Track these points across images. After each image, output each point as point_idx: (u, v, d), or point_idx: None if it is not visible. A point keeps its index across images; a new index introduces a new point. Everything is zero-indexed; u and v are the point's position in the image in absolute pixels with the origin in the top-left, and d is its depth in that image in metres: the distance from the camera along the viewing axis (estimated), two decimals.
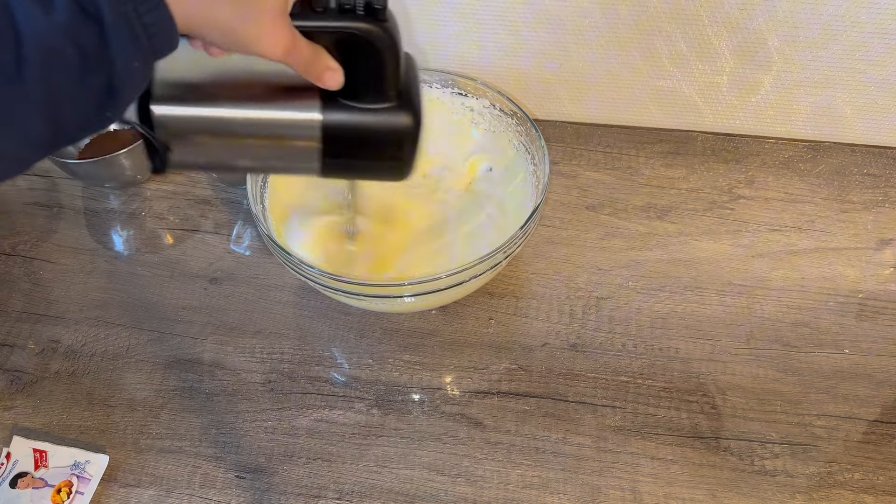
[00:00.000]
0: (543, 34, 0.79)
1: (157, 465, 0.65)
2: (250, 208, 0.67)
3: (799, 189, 0.81)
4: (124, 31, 0.36)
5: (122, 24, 0.35)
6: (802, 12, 0.72)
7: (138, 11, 0.36)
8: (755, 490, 0.62)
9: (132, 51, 0.36)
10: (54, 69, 0.35)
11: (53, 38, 0.34)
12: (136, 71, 0.37)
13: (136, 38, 0.36)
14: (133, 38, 0.36)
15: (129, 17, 0.36)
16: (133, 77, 0.38)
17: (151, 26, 0.36)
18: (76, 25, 0.35)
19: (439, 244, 0.71)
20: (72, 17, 0.34)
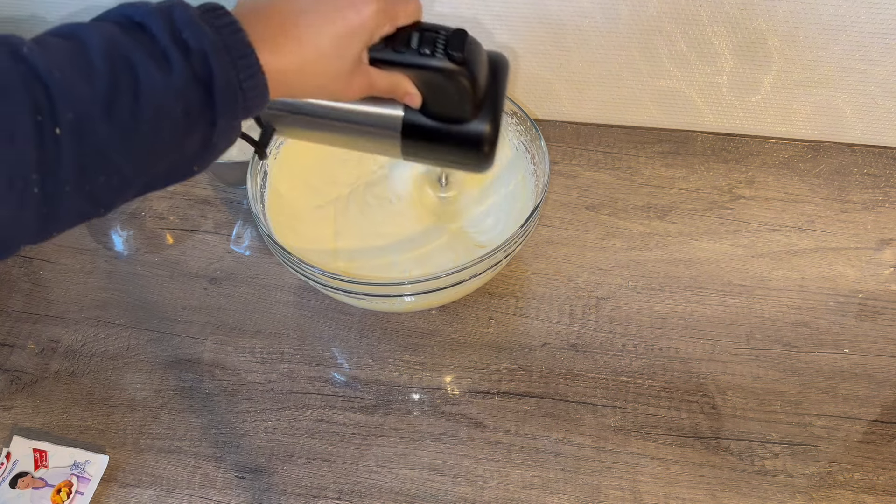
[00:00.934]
0: (543, 34, 0.79)
1: (157, 465, 0.65)
2: (250, 208, 0.67)
3: (799, 189, 0.81)
4: (228, 95, 0.39)
5: (227, 89, 0.39)
6: (802, 12, 0.72)
7: (240, 78, 0.39)
8: (755, 490, 0.62)
9: (232, 112, 0.40)
10: (162, 125, 0.37)
11: (167, 98, 0.37)
12: (233, 129, 0.41)
13: (235, 102, 0.39)
14: (234, 101, 0.39)
15: (233, 83, 0.39)
16: (228, 135, 0.41)
17: (249, 91, 0.40)
18: (188, 89, 0.37)
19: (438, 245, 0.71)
20: (185, 82, 0.37)
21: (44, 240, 0.38)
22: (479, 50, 0.50)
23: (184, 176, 0.42)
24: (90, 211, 0.39)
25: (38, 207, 0.35)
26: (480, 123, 0.51)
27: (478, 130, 0.51)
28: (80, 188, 0.36)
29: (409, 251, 0.71)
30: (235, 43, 0.39)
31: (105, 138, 0.35)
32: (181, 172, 0.41)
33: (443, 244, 0.71)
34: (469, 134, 0.51)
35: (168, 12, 0.38)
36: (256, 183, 0.69)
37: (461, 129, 0.51)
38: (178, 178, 0.42)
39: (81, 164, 0.35)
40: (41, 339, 0.73)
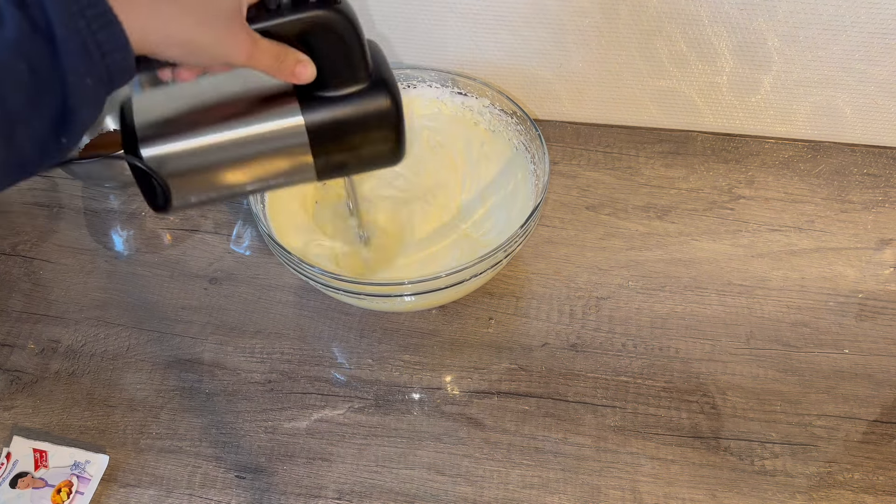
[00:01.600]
0: (543, 34, 0.79)
1: (157, 465, 0.65)
2: (250, 208, 0.67)
3: (799, 189, 0.81)
4: (76, 46, 0.35)
5: (74, 39, 0.35)
6: (802, 12, 0.72)
7: (91, 28, 0.35)
8: (755, 490, 0.62)
9: (85, 67, 0.36)
10: (6, 86, 0.34)
11: (3, 54, 0.33)
12: (90, 90, 0.37)
13: (89, 55, 0.35)
14: (86, 54, 0.35)
15: (81, 32, 0.35)
16: (88, 97, 0.37)
17: (105, 44, 0.36)
18: (26, 41, 0.34)
19: (441, 246, 0.71)
20: (21, 33, 0.34)
21: None
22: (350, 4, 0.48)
23: (53, 148, 0.38)
24: None
25: None
26: (379, 88, 0.49)
27: (379, 94, 0.49)
28: None
29: (409, 252, 0.71)
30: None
31: None
32: (49, 144, 0.37)
33: (444, 245, 0.71)
34: (373, 100, 0.49)
35: None
36: None
37: (363, 98, 0.49)
38: (49, 153, 0.38)
39: None
40: (41, 339, 0.73)
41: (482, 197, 0.75)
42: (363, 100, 0.49)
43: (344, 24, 0.46)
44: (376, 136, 0.51)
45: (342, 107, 0.49)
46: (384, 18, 0.80)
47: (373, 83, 0.49)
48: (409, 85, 0.79)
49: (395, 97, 0.50)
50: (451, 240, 0.72)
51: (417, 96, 0.79)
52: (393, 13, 0.79)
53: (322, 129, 0.49)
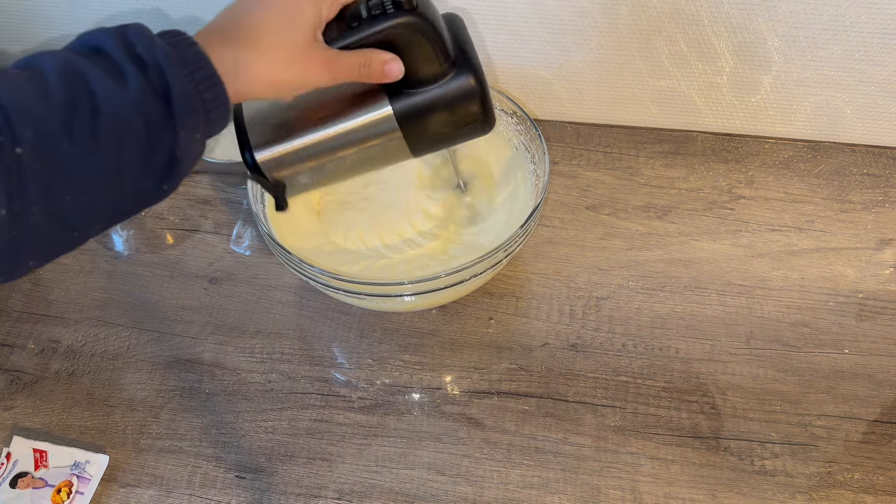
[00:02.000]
0: (543, 34, 0.79)
1: (157, 465, 0.65)
2: (250, 208, 0.67)
3: (799, 189, 0.81)
4: (188, 106, 0.39)
5: (186, 99, 0.39)
6: (802, 12, 0.72)
7: (199, 88, 0.40)
8: (755, 490, 0.62)
9: (193, 124, 0.40)
10: (124, 140, 0.37)
11: (126, 110, 0.37)
12: (196, 142, 0.41)
13: (196, 113, 0.40)
14: (194, 112, 0.40)
15: (192, 94, 0.40)
16: (192, 148, 0.41)
17: (210, 101, 0.41)
18: (146, 100, 0.38)
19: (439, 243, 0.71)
20: (143, 93, 0.38)
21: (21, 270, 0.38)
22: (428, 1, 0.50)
23: (153, 197, 0.42)
24: (63, 235, 0.39)
25: (7, 230, 0.35)
26: (462, 74, 0.52)
27: (463, 81, 0.52)
28: (48, 208, 0.36)
29: (409, 253, 0.71)
30: (191, 55, 0.40)
31: (67, 155, 0.36)
32: (150, 192, 0.41)
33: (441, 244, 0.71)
34: (458, 87, 0.52)
35: (122, 32, 0.39)
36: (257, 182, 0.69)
37: (448, 87, 0.52)
38: (148, 199, 0.42)
39: (46, 183, 0.35)
40: (41, 339, 0.73)
41: (482, 198, 0.75)
42: (448, 87, 0.52)
43: (421, 26, 0.48)
44: (464, 115, 0.54)
45: (430, 96, 0.52)
46: None
47: (457, 69, 0.52)
48: None
49: (478, 77, 0.52)
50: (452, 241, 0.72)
51: None
52: None
53: (410, 117, 0.53)
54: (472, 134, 0.57)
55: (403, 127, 0.53)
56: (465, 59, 0.52)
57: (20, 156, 0.34)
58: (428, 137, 0.55)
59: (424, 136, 0.55)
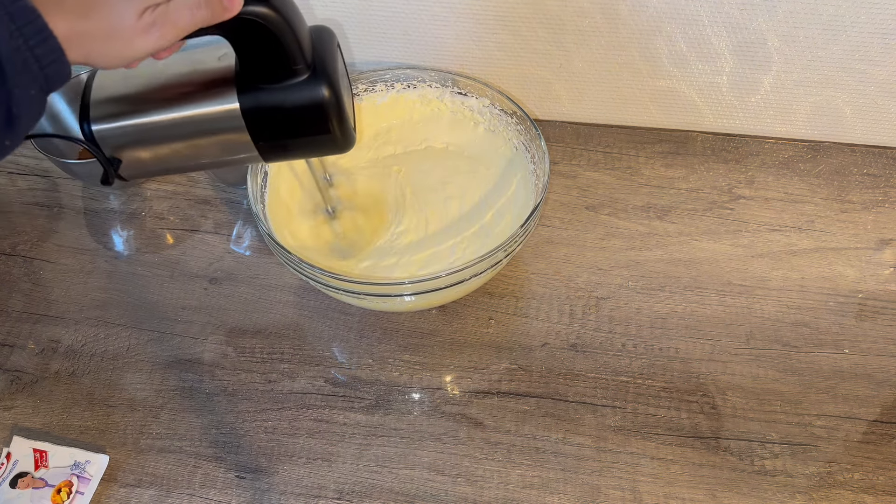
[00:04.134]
0: (543, 34, 0.79)
1: (157, 465, 0.65)
2: (250, 208, 0.67)
3: (799, 189, 0.81)
4: (18, 63, 0.38)
5: (16, 56, 0.38)
6: (802, 12, 0.72)
7: (29, 44, 0.39)
8: (755, 490, 0.62)
9: (27, 80, 0.39)
10: None
11: None
12: (33, 99, 0.40)
13: (29, 69, 0.39)
14: (27, 69, 0.39)
15: (21, 50, 0.38)
16: (30, 105, 0.40)
17: (43, 57, 0.39)
18: None
19: (442, 247, 0.71)
20: None
21: None
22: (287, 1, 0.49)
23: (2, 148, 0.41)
24: None
25: None
26: (314, 80, 0.50)
27: (313, 86, 0.50)
28: None
29: (409, 253, 0.71)
30: (18, 10, 0.38)
31: None
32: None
33: (444, 247, 0.71)
34: (306, 92, 0.50)
35: None
36: (257, 183, 0.69)
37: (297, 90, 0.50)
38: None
39: None
40: (41, 339, 0.73)
41: (483, 198, 0.75)
42: (300, 90, 0.50)
43: (272, 18, 0.47)
44: (315, 125, 0.52)
45: (277, 96, 0.50)
46: (384, 18, 0.80)
47: (311, 75, 0.50)
48: (409, 85, 0.79)
49: (331, 87, 0.51)
50: (452, 241, 0.72)
51: (418, 96, 0.79)
52: (393, 13, 0.79)
53: (257, 115, 0.51)
54: (324, 149, 0.55)
55: (248, 122, 0.51)
56: (322, 67, 0.50)
57: None
58: (276, 141, 0.53)
59: (271, 138, 0.53)
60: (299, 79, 0.50)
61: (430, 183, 0.76)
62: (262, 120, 0.51)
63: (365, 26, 0.81)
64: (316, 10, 0.80)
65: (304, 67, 0.50)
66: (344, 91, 0.53)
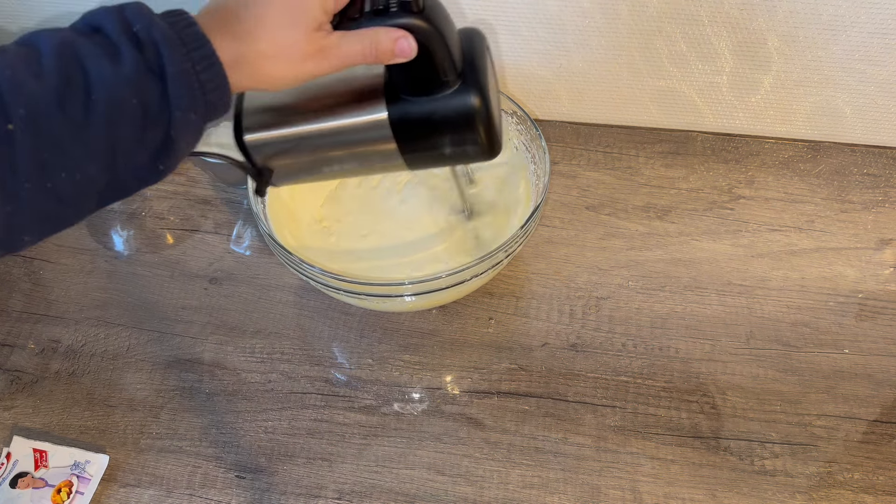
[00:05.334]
0: (543, 34, 0.79)
1: (157, 465, 0.65)
2: (250, 208, 0.67)
3: (799, 189, 0.81)
4: (184, 86, 0.39)
5: (182, 79, 0.39)
6: (802, 12, 0.72)
7: (196, 69, 0.39)
8: (755, 490, 0.62)
9: (189, 104, 0.40)
10: (118, 119, 0.37)
11: (120, 89, 0.37)
12: (192, 124, 0.41)
13: (193, 93, 0.40)
14: (191, 93, 0.39)
15: (188, 73, 0.39)
16: (188, 130, 0.41)
17: (208, 83, 0.40)
18: (141, 79, 0.38)
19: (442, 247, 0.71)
20: (137, 72, 0.37)
21: (17, 246, 0.39)
22: (439, 5, 0.48)
23: (150, 175, 0.42)
24: (59, 211, 0.40)
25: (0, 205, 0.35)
26: (466, 90, 0.49)
27: (464, 97, 0.49)
28: (42, 185, 0.37)
29: (410, 254, 0.71)
30: (189, 35, 0.39)
31: (59, 132, 0.36)
32: (146, 171, 0.41)
33: (445, 247, 0.71)
34: (458, 103, 0.49)
35: (120, 10, 0.39)
36: None
37: (448, 101, 0.49)
38: (145, 179, 0.42)
39: (39, 160, 0.36)
40: (41, 339, 0.73)
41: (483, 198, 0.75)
42: (450, 101, 0.49)
43: (425, 31, 0.46)
44: (463, 135, 0.51)
45: (427, 106, 0.50)
46: None
47: (461, 84, 0.49)
48: None
49: (482, 97, 0.49)
50: (452, 241, 0.72)
51: None
52: None
53: (406, 126, 0.50)
54: (471, 157, 0.53)
55: (396, 133, 0.51)
56: (473, 75, 0.49)
57: (12, 132, 0.35)
58: (423, 151, 0.52)
59: (419, 148, 0.52)
60: (450, 89, 0.49)
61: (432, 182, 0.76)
62: (411, 130, 0.51)
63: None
64: None
65: (455, 77, 0.49)
66: (493, 96, 0.52)
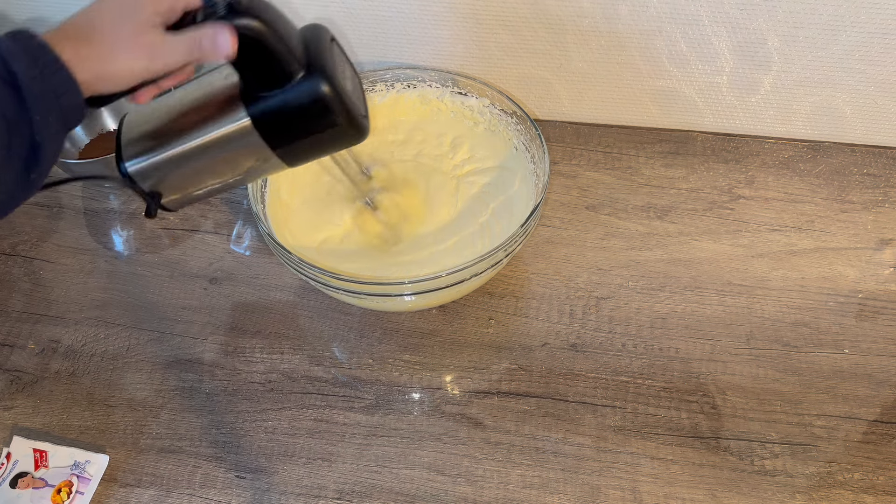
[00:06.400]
0: (543, 34, 0.79)
1: (157, 465, 0.65)
2: (250, 208, 0.67)
3: (799, 189, 0.81)
4: (37, 92, 0.42)
5: (34, 86, 0.42)
6: (802, 12, 0.72)
7: (44, 74, 0.42)
8: (755, 490, 0.62)
9: (45, 108, 0.42)
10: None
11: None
12: (52, 127, 0.43)
13: (46, 98, 0.42)
14: (45, 97, 0.42)
15: (38, 79, 0.42)
16: (51, 134, 0.43)
17: (59, 86, 0.43)
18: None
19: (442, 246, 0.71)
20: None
21: None
22: (266, 3, 0.50)
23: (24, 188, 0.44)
24: None
25: None
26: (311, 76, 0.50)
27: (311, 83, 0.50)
28: None
29: (409, 253, 0.71)
30: (32, 46, 0.43)
31: None
32: (18, 183, 0.44)
33: (443, 248, 0.71)
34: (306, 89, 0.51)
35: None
36: (257, 183, 0.69)
37: (297, 90, 0.51)
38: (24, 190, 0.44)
39: None
40: (41, 339, 0.73)
41: (484, 199, 0.75)
42: (298, 89, 0.51)
43: (256, 26, 0.48)
44: (321, 120, 0.52)
45: (280, 99, 0.51)
46: (384, 19, 0.80)
47: (306, 73, 0.51)
48: (409, 85, 0.79)
49: (328, 80, 0.51)
50: (453, 240, 0.72)
51: (418, 96, 0.79)
52: (393, 13, 0.79)
53: (267, 123, 0.52)
54: (338, 141, 0.55)
55: (260, 131, 0.52)
56: (317, 62, 0.51)
57: None
58: (291, 144, 0.54)
59: (286, 141, 0.54)
60: (296, 79, 0.51)
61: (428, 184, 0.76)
62: (273, 126, 0.52)
63: (365, 26, 0.81)
64: (317, 10, 0.80)
65: (299, 67, 0.50)
66: (347, 82, 0.53)
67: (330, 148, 0.56)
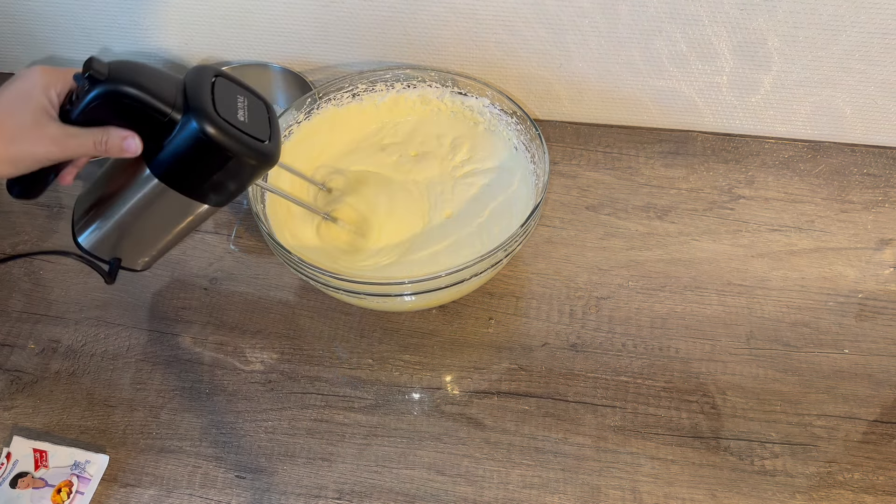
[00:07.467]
0: (543, 34, 0.79)
1: (157, 465, 0.65)
2: (250, 208, 0.67)
3: (799, 189, 0.81)
4: None
5: None
6: (802, 12, 0.72)
7: None
8: (755, 490, 0.62)
9: None
10: None
11: None
12: None
13: None
14: None
15: None
16: None
17: None
18: None
19: (441, 246, 0.71)
20: None
21: None
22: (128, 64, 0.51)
23: None
24: None
25: None
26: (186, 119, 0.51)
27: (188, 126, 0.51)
28: None
29: (409, 253, 0.71)
30: None
31: None
32: None
33: (444, 248, 0.71)
34: (186, 133, 0.51)
35: None
36: None
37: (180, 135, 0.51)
38: None
39: None
40: (41, 339, 0.73)
41: (483, 199, 0.75)
42: (180, 134, 0.51)
43: (119, 89, 0.49)
44: (214, 156, 0.52)
45: (171, 148, 0.52)
46: (384, 19, 0.80)
47: (183, 117, 0.51)
48: (409, 85, 0.79)
49: (205, 118, 0.51)
50: (452, 240, 0.72)
51: (418, 96, 0.79)
52: (393, 13, 0.79)
53: (171, 174, 0.53)
54: (249, 171, 0.55)
55: (169, 183, 0.53)
56: (192, 104, 0.51)
57: None
58: (204, 186, 0.54)
59: (197, 185, 0.54)
60: (178, 126, 0.51)
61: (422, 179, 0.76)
62: (177, 175, 0.53)
63: (365, 26, 0.81)
64: (316, 10, 0.80)
65: (178, 113, 0.51)
66: (236, 113, 0.53)
67: (245, 179, 0.56)
